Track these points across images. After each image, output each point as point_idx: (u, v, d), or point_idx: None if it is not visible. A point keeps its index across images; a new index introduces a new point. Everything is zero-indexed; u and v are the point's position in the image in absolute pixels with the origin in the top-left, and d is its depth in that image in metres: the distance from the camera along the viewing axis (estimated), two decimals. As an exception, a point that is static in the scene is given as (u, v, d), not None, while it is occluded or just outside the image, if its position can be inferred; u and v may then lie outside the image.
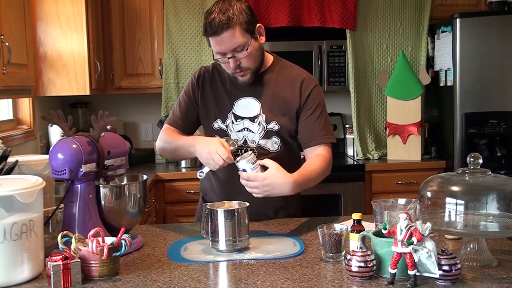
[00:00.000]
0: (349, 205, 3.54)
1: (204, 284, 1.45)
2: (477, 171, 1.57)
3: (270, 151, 2.06)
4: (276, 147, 2.07)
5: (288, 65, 2.15)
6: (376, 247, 1.44)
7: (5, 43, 2.25)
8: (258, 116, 2.06)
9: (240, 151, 2.04)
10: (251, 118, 2.07)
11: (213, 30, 1.89)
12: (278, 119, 2.05)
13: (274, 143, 2.07)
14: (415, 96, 3.74)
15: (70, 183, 1.67)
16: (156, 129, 4.10)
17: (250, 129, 2.06)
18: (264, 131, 2.06)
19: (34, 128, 3.35)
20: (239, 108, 2.08)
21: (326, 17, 3.80)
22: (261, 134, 2.06)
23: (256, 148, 2.06)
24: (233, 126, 2.08)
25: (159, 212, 3.51)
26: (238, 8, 1.92)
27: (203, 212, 1.78)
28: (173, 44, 3.80)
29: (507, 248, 1.68)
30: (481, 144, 3.62)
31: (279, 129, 2.05)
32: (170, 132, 2.16)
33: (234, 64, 1.95)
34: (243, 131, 2.07)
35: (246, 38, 1.93)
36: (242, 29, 1.91)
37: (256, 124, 2.06)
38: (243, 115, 2.07)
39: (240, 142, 2.07)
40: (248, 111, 2.07)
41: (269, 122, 2.06)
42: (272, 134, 2.06)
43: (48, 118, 1.74)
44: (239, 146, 2.05)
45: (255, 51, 1.98)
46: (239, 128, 2.07)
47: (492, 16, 3.61)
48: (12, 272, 1.44)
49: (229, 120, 2.08)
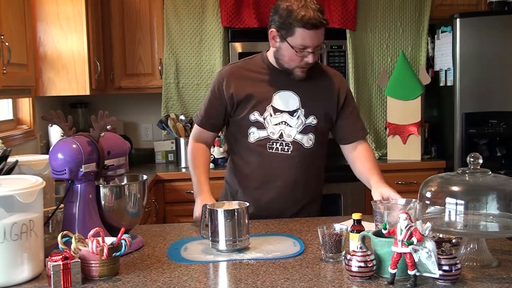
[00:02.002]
0: (349, 205, 3.54)
1: (204, 284, 1.45)
2: (477, 171, 1.57)
3: (304, 146, 2.14)
4: (310, 143, 2.14)
5: (320, 63, 2.29)
6: (376, 247, 1.45)
7: (5, 43, 2.25)
8: (297, 110, 2.13)
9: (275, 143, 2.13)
10: (290, 112, 2.12)
11: (314, 24, 1.99)
12: (316, 114, 2.13)
13: (309, 139, 2.14)
14: (415, 96, 3.74)
15: (70, 183, 1.67)
16: (156, 129, 4.10)
17: (288, 123, 2.12)
18: (302, 125, 2.12)
19: (34, 128, 3.34)
20: (277, 101, 2.13)
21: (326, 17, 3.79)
22: (299, 129, 2.12)
23: (291, 143, 2.12)
24: (271, 119, 2.12)
25: (159, 212, 3.51)
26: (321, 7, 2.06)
27: (203, 212, 1.78)
28: (173, 44, 3.80)
29: (507, 248, 1.68)
30: (481, 144, 3.62)
31: (317, 124, 2.13)
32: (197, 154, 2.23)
33: (313, 59, 2.05)
34: (280, 124, 2.12)
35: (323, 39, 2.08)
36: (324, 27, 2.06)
37: (295, 118, 2.12)
38: (282, 109, 2.13)
39: (276, 135, 2.12)
40: (287, 105, 2.13)
41: (307, 117, 2.12)
42: (309, 130, 2.13)
43: (48, 118, 1.74)
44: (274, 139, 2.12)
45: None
46: (277, 121, 2.12)
47: (492, 16, 3.61)
48: (12, 272, 1.44)
49: (268, 112, 2.12)
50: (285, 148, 2.12)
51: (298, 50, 2.03)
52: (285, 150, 2.12)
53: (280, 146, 2.12)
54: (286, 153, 2.12)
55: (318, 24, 2.00)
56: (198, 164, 2.21)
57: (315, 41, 2.02)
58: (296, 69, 2.09)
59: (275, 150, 2.12)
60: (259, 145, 2.13)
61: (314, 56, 2.05)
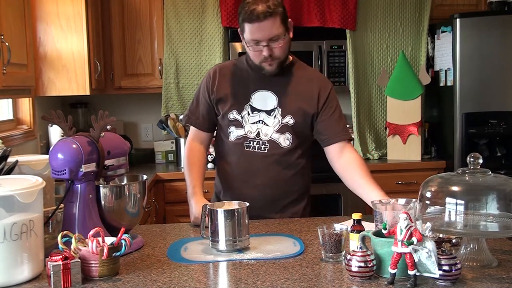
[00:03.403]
0: (349, 205, 3.54)
1: (204, 284, 1.45)
2: (477, 171, 1.57)
3: (281, 146, 2.13)
4: (287, 143, 2.13)
5: (304, 65, 2.26)
6: (376, 247, 1.44)
7: (5, 43, 2.25)
8: (274, 109, 2.13)
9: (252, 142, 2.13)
10: (267, 111, 2.13)
11: (256, 16, 1.97)
12: (294, 114, 2.12)
13: (286, 139, 2.12)
14: (415, 96, 3.74)
15: (70, 183, 1.67)
16: (156, 129, 4.10)
17: (266, 122, 2.12)
18: (279, 125, 2.12)
19: (34, 128, 3.34)
20: (256, 101, 2.14)
21: (326, 17, 3.80)
22: (276, 128, 2.12)
23: (268, 142, 2.12)
24: (248, 117, 2.13)
25: (159, 212, 3.51)
26: (277, 0, 2.03)
27: (203, 212, 1.78)
28: (173, 44, 3.80)
29: (507, 248, 1.68)
30: (481, 144, 3.62)
31: (294, 124, 2.11)
32: (191, 159, 2.24)
33: (268, 52, 2.03)
34: (258, 123, 2.13)
35: (282, 29, 2.03)
36: (280, 20, 2.01)
37: (272, 118, 2.12)
38: (260, 108, 2.13)
39: (253, 134, 2.13)
40: (265, 104, 2.13)
41: (284, 117, 2.12)
42: (286, 129, 2.12)
43: (48, 118, 1.74)
44: (251, 138, 2.12)
45: (287, 43, 2.08)
46: (254, 120, 2.13)
47: (492, 16, 3.61)
48: (12, 272, 1.44)
49: (246, 111, 2.14)
50: (261, 147, 2.13)
51: (251, 45, 2.04)
52: (261, 149, 2.13)
53: (257, 145, 2.13)
54: (263, 152, 2.13)
55: (261, 16, 1.97)
56: (192, 166, 2.22)
57: (264, 34, 1.99)
58: (262, 64, 2.09)
59: (252, 148, 2.13)
60: (237, 144, 2.15)
61: (269, 49, 2.02)
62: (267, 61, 2.06)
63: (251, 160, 2.14)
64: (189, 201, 2.15)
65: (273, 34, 2.00)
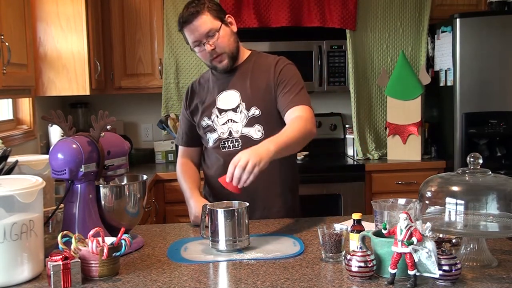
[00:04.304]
0: (349, 205, 3.54)
1: (204, 284, 1.45)
2: (477, 171, 1.57)
3: (253, 138, 2.12)
4: (259, 135, 2.13)
5: (264, 55, 2.25)
6: (376, 247, 1.44)
7: (5, 43, 2.25)
8: (239, 105, 2.15)
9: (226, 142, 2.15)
10: (233, 109, 2.16)
11: (185, 19, 2.07)
12: (257, 104, 2.13)
13: (257, 130, 2.13)
14: (415, 96, 3.74)
15: (70, 183, 1.67)
16: (156, 129, 4.10)
17: (234, 119, 2.15)
18: (246, 119, 2.14)
19: (34, 128, 3.35)
20: (221, 102, 2.17)
21: (326, 17, 3.80)
22: (244, 122, 2.14)
23: (240, 138, 2.14)
24: (218, 120, 2.17)
25: (159, 212, 3.51)
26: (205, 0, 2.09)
27: (203, 212, 1.78)
28: (173, 44, 3.80)
29: (507, 248, 1.68)
30: (481, 144, 3.62)
31: (260, 114, 2.13)
32: (183, 169, 2.30)
33: (209, 48, 2.07)
34: (228, 123, 2.16)
35: (217, 23, 2.08)
36: (212, 15, 2.07)
37: (238, 113, 2.15)
38: (226, 108, 2.17)
39: (225, 135, 2.16)
40: (229, 103, 2.16)
41: (249, 109, 2.14)
42: (255, 121, 2.13)
43: (48, 118, 1.74)
44: (224, 138, 2.15)
45: (228, 35, 2.11)
46: (224, 121, 2.16)
47: (492, 16, 3.61)
48: (12, 272, 1.44)
49: (214, 115, 2.18)
50: (235, 144, 2.15)
51: (195, 48, 2.11)
52: (236, 146, 2.14)
53: (231, 143, 2.15)
54: (237, 149, 2.12)
55: (190, 18, 2.06)
56: (185, 174, 2.27)
57: (199, 32, 2.07)
58: (213, 62, 2.13)
59: (228, 148, 2.16)
60: (215, 147, 2.19)
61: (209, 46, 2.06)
62: (214, 58, 2.11)
63: (227, 159, 2.09)
64: (187, 203, 2.18)
65: (207, 30, 2.06)
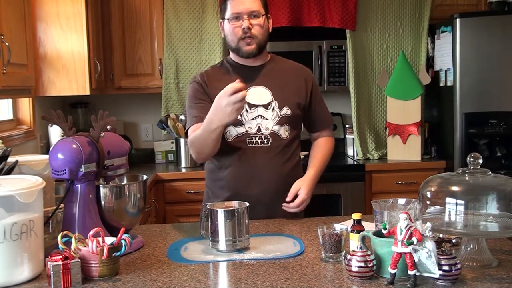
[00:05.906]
0: (349, 205, 3.54)
1: (204, 284, 1.45)
2: (477, 171, 1.57)
3: (282, 137, 2.17)
4: (286, 134, 2.18)
5: (283, 58, 2.34)
6: (376, 247, 1.45)
7: (5, 43, 2.25)
8: (271, 103, 2.17)
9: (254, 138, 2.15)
10: (264, 105, 2.17)
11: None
12: (289, 105, 2.19)
13: (286, 130, 2.18)
14: (415, 96, 3.74)
15: (70, 183, 1.67)
16: (156, 129, 4.10)
17: (264, 116, 2.16)
18: (278, 117, 2.16)
19: (34, 128, 3.34)
20: (251, 97, 2.15)
21: (326, 17, 3.80)
22: (275, 120, 2.16)
23: (270, 135, 2.16)
24: (247, 114, 2.16)
25: (159, 212, 3.51)
26: None
27: (203, 212, 1.78)
28: (173, 44, 3.80)
29: (507, 248, 1.68)
30: (481, 144, 3.62)
31: (291, 115, 2.18)
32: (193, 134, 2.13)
33: (247, 24, 2.11)
34: (257, 118, 2.16)
35: (263, 10, 2.15)
36: (261, 2, 2.16)
37: (270, 111, 2.16)
38: (257, 103, 2.17)
39: (254, 130, 2.15)
40: (260, 99, 2.17)
41: (282, 108, 2.17)
42: (285, 120, 2.17)
43: (48, 118, 1.74)
44: (252, 133, 2.14)
45: (266, 27, 2.18)
46: (253, 116, 2.16)
47: (492, 16, 3.61)
48: (12, 272, 1.44)
49: (243, 109, 2.12)
50: (264, 141, 2.15)
51: (231, 21, 2.13)
52: (264, 142, 2.15)
53: (260, 140, 2.15)
54: (266, 145, 2.14)
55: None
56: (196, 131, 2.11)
57: (245, 6, 2.11)
58: (240, 43, 2.14)
59: (255, 144, 2.14)
60: (238, 141, 2.14)
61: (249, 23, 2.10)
62: (245, 37, 2.13)
63: (254, 155, 2.15)
64: (211, 119, 1.95)
65: (254, 8, 2.12)
